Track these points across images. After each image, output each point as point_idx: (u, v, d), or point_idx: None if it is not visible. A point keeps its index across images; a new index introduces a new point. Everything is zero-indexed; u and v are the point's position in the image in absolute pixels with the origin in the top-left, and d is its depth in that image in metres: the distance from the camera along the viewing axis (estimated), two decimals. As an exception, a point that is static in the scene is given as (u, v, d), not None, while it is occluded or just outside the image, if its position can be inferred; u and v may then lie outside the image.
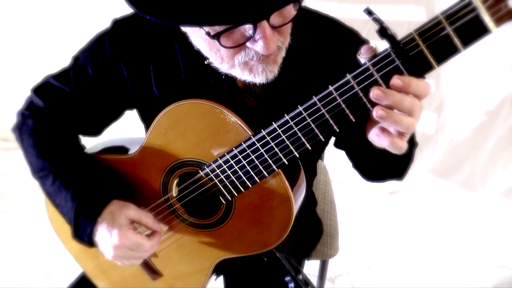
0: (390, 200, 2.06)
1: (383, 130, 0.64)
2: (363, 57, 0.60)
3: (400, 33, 0.59)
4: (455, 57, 0.57)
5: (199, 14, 0.61)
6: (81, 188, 0.86)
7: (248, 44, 0.67)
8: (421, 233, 1.96)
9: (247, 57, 0.69)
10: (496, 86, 1.81)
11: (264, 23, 0.63)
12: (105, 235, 0.82)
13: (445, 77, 1.86)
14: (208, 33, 0.65)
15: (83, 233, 0.84)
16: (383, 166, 0.85)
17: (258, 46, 0.66)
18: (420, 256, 1.87)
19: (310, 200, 1.20)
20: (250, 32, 0.64)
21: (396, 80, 0.58)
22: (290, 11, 0.67)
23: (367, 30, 1.50)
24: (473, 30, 0.54)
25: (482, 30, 0.54)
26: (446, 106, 1.92)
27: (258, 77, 0.72)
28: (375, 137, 0.66)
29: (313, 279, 1.55)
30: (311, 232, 1.20)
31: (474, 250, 1.88)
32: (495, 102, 1.84)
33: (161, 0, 0.63)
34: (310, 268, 1.67)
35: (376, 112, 0.60)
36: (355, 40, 0.83)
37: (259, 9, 0.60)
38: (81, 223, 0.84)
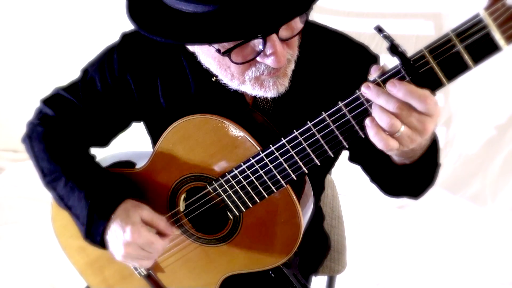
0: (398, 214, 2.04)
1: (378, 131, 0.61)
2: (373, 76, 0.60)
3: (408, 47, 0.58)
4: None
5: (209, 32, 0.61)
6: (94, 188, 0.85)
7: (258, 58, 0.67)
8: (431, 248, 1.93)
9: (257, 72, 0.69)
10: (505, 100, 1.80)
11: (274, 36, 0.64)
12: (118, 231, 0.81)
13: (454, 91, 1.85)
14: (218, 50, 0.66)
15: (96, 232, 0.83)
16: (399, 181, 0.83)
17: (268, 60, 0.66)
18: (429, 272, 1.84)
19: (318, 215, 1.19)
20: (260, 46, 0.65)
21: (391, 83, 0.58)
22: (298, 23, 0.67)
23: (374, 43, 1.51)
24: (483, 48, 0.54)
25: (492, 48, 0.54)
26: (455, 120, 1.91)
27: (269, 92, 0.72)
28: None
29: (321, 295, 1.53)
30: (318, 248, 1.19)
31: (484, 265, 1.84)
32: (504, 116, 1.82)
33: (169, 21, 0.64)
34: (318, 283, 1.65)
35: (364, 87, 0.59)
36: (365, 55, 0.83)
37: (268, 23, 0.61)
38: (94, 221, 0.83)
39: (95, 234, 0.84)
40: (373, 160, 0.84)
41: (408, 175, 0.78)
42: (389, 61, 0.61)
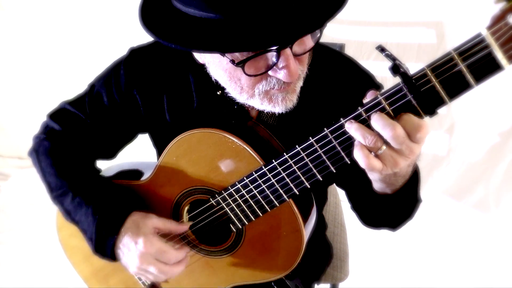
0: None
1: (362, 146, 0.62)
2: (367, 100, 0.61)
3: (410, 55, 0.59)
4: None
5: (227, 42, 0.61)
6: (101, 203, 0.85)
7: (270, 72, 0.67)
8: (434, 255, 1.92)
9: (268, 86, 0.69)
10: (508, 107, 1.80)
11: (288, 50, 0.64)
12: (130, 244, 0.81)
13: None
14: (232, 61, 0.66)
15: (106, 246, 0.83)
16: (378, 211, 0.84)
17: (281, 74, 0.66)
18: (433, 279, 1.83)
19: (320, 224, 1.19)
20: (273, 59, 0.65)
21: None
22: (310, 41, 0.68)
23: (377, 52, 1.51)
24: (486, 67, 0.54)
25: (495, 67, 0.54)
26: (458, 127, 1.91)
27: (277, 107, 0.72)
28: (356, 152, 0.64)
29: (324, 302, 1.53)
30: (321, 256, 1.19)
31: (488, 272, 1.83)
32: (507, 123, 1.82)
33: (185, 29, 0.64)
34: (321, 291, 1.65)
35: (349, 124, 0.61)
36: (370, 83, 0.83)
37: (285, 34, 0.61)
38: (103, 236, 0.83)
39: (105, 249, 0.84)
40: (356, 187, 0.85)
41: (388, 206, 0.79)
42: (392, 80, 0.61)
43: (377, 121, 0.59)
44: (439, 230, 2.01)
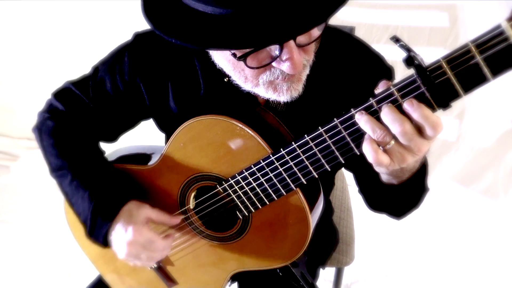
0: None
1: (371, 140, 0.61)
2: (379, 90, 0.59)
3: (422, 39, 0.57)
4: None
5: (227, 37, 0.60)
6: (99, 189, 0.86)
7: (274, 64, 0.66)
8: (441, 241, 1.93)
9: (272, 77, 0.68)
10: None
11: (291, 42, 0.63)
12: (120, 231, 0.83)
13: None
14: (233, 54, 0.65)
15: (99, 233, 0.85)
16: (383, 199, 0.84)
17: (284, 66, 0.65)
18: (439, 265, 1.84)
19: (327, 209, 1.19)
20: (276, 52, 0.64)
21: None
22: (315, 30, 0.66)
23: (388, 35, 1.48)
24: (504, 60, 0.52)
25: (514, 60, 0.52)
26: (468, 113, 1.88)
27: (282, 96, 0.71)
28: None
29: (329, 285, 1.55)
30: (327, 241, 1.20)
31: (495, 258, 1.84)
32: (518, 109, 1.79)
33: (186, 23, 0.62)
34: (326, 274, 1.67)
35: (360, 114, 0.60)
36: (380, 65, 0.81)
37: (286, 30, 0.59)
38: (97, 223, 0.85)
39: (98, 235, 0.85)
40: (364, 172, 0.84)
41: (393, 195, 0.79)
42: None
43: (387, 115, 0.57)
44: (447, 216, 2.01)
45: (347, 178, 1.45)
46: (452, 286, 1.75)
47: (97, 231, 0.85)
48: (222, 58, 0.72)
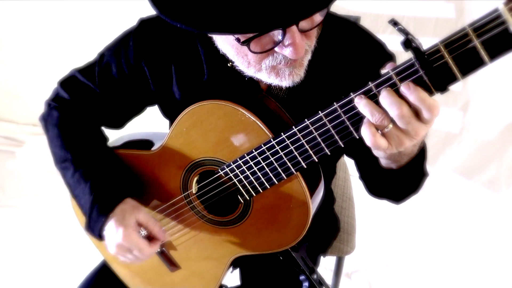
0: (411, 197, 2.03)
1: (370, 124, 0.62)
2: (385, 70, 0.59)
3: (428, 30, 0.58)
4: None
5: (231, 23, 0.61)
6: (99, 182, 0.88)
7: (276, 49, 0.67)
8: (442, 232, 1.93)
9: (274, 62, 0.69)
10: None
11: (293, 28, 0.64)
12: (112, 231, 0.85)
13: (472, 75, 1.80)
14: (237, 39, 0.66)
15: (95, 227, 0.87)
16: (383, 184, 0.85)
17: (287, 51, 0.66)
18: (439, 256, 1.85)
19: (329, 197, 1.20)
20: (279, 37, 0.64)
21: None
22: (317, 16, 0.66)
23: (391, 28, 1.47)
24: (501, 44, 0.53)
25: (511, 44, 0.52)
26: (472, 105, 1.88)
27: (284, 81, 0.72)
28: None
29: (329, 274, 1.56)
30: (328, 229, 1.21)
31: (496, 251, 1.84)
32: (523, 102, 1.78)
33: (192, 9, 0.63)
34: (327, 263, 1.68)
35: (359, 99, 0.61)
36: (381, 52, 0.82)
37: (289, 15, 0.60)
38: (93, 217, 0.87)
39: (94, 229, 0.88)
40: (364, 157, 0.85)
41: (392, 180, 0.80)
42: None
43: (385, 98, 0.58)
44: (449, 208, 2.01)
45: (349, 169, 1.46)
46: (453, 278, 1.76)
47: (94, 224, 0.87)
48: (225, 43, 0.73)
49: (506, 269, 1.78)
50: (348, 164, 1.46)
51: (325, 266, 1.73)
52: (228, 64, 0.79)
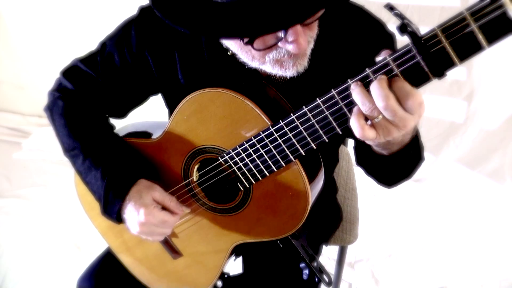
0: (414, 187, 2.03)
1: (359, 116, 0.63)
2: (380, 57, 0.59)
3: (432, 19, 0.57)
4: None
5: (237, 26, 0.61)
6: (110, 167, 0.89)
7: (279, 43, 0.68)
8: (445, 222, 1.93)
9: (278, 55, 0.70)
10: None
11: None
12: (133, 212, 0.86)
13: (477, 64, 1.79)
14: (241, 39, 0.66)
15: (112, 211, 0.88)
16: (375, 168, 0.87)
17: (290, 46, 0.67)
18: (442, 246, 1.85)
19: (331, 187, 1.20)
20: (282, 34, 0.65)
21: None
22: None
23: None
24: (499, 28, 0.52)
25: (509, 28, 0.52)
26: (477, 95, 1.86)
27: (289, 71, 0.73)
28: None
29: (332, 263, 1.57)
30: (330, 218, 1.21)
31: (499, 241, 1.84)
32: (528, 92, 1.76)
33: (192, 10, 0.64)
34: (330, 252, 1.69)
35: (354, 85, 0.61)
36: (381, 32, 0.82)
37: (293, 15, 0.61)
38: (110, 201, 0.88)
39: (111, 213, 0.89)
40: (360, 142, 0.85)
41: (383, 165, 0.81)
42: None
43: (374, 90, 0.59)
44: (452, 197, 2.01)
45: (352, 159, 1.46)
46: (456, 267, 1.76)
47: (110, 208, 0.88)
48: (228, 40, 0.74)
49: (509, 259, 1.78)
50: (351, 155, 1.46)
51: (328, 255, 1.74)
52: (229, 53, 0.80)
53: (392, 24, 0.79)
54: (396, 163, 0.79)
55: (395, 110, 0.59)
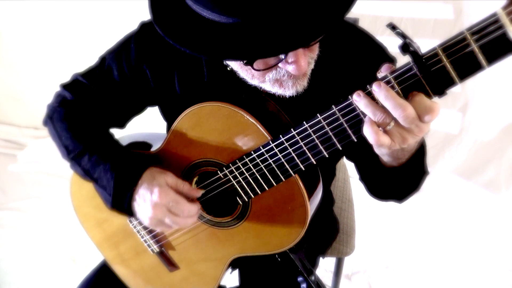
0: (410, 198, 2.03)
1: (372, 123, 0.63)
2: (382, 74, 0.59)
3: (426, 31, 0.58)
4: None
5: (238, 49, 0.62)
6: (118, 160, 0.87)
7: (280, 64, 0.68)
8: (442, 233, 1.93)
9: (278, 75, 0.70)
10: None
11: None
12: (146, 194, 0.82)
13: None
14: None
15: (124, 200, 0.85)
16: (385, 183, 0.85)
17: (290, 67, 0.67)
18: (439, 257, 1.85)
19: (328, 199, 1.20)
20: (282, 55, 0.66)
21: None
22: None
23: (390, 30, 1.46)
24: (499, 48, 0.53)
25: (508, 48, 0.53)
26: (472, 106, 1.88)
27: (288, 91, 0.73)
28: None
29: (329, 275, 1.56)
30: (327, 230, 1.21)
31: (495, 252, 1.84)
32: (522, 103, 1.78)
33: (193, 30, 0.64)
34: (327, 264, 1.68)
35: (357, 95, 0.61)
36: (382, 56, 0.82)
37: (294, 39, 0.61)
38: (121, 190, 0.85)
39: (122, 202, 0.85)
40: (364, 159, 0.86)
41: (394, 178, 0.80)
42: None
43: (388, 100, 0.58)
44: (448, 209, 2.02)
45: (349, 170, 1.46)
46: (453, 279, 1.76)
47: (122, 198, 0.85)
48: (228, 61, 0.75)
49: (506, 270, 1.78)
50: (347, 166, 1.46)
51: (325, 267, 1.74)
52: (228, 68, 0.80)
53: (387, 36, 0.80)
54: (406, 174, 0.78)
55: (413, 118, 0.58)
